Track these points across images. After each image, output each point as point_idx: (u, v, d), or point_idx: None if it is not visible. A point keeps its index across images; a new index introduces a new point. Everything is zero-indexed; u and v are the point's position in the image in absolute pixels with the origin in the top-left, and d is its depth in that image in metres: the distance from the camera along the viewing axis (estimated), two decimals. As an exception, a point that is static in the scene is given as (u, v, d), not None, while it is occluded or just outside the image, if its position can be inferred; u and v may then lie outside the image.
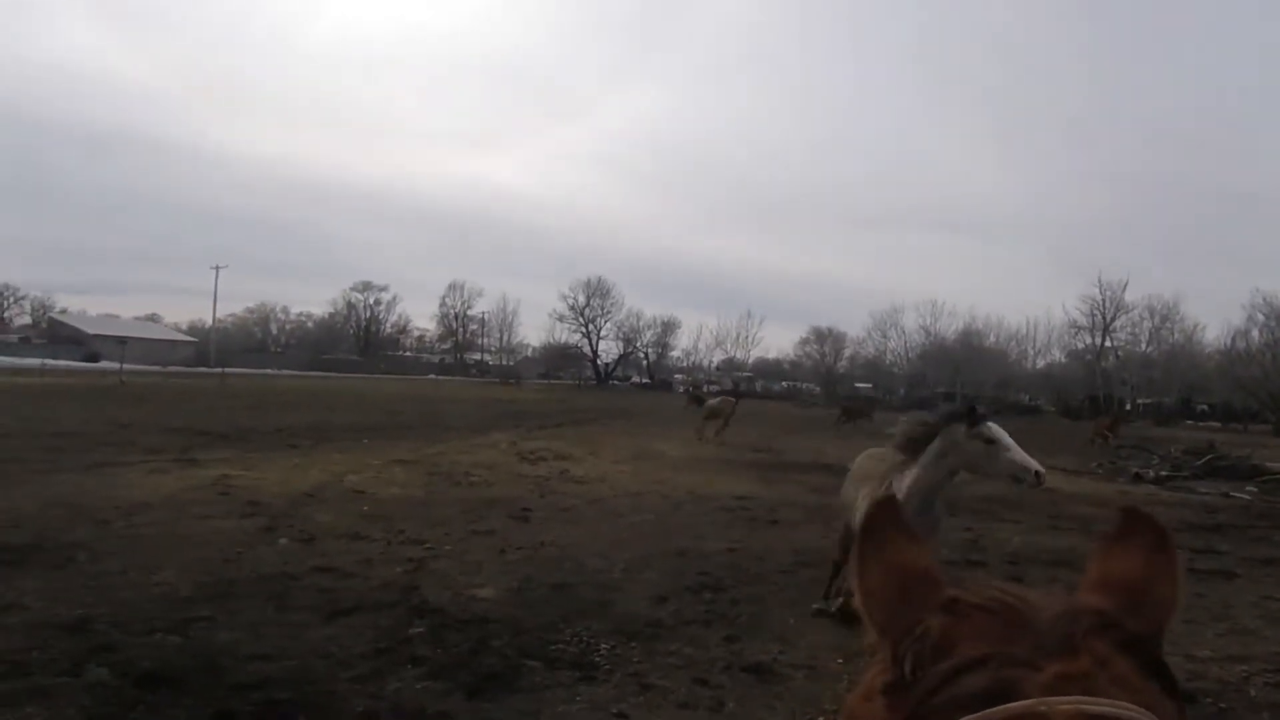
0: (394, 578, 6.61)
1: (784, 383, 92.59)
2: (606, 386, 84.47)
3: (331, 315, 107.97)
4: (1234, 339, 65.31)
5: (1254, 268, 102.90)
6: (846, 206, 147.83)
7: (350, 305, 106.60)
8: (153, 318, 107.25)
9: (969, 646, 0.73)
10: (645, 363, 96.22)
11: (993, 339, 79.66)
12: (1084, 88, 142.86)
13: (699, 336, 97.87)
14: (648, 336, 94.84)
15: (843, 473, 6.43)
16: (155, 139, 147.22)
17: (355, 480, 11.59)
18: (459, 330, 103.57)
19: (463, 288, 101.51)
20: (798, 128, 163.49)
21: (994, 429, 4.95)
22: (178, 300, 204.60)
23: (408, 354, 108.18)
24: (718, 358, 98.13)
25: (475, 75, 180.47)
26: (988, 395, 69.87)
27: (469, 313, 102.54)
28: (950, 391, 71.43)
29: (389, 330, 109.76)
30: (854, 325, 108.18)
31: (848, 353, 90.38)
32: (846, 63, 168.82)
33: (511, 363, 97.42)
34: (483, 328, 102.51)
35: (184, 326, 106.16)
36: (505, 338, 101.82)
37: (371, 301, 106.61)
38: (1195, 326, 71.44)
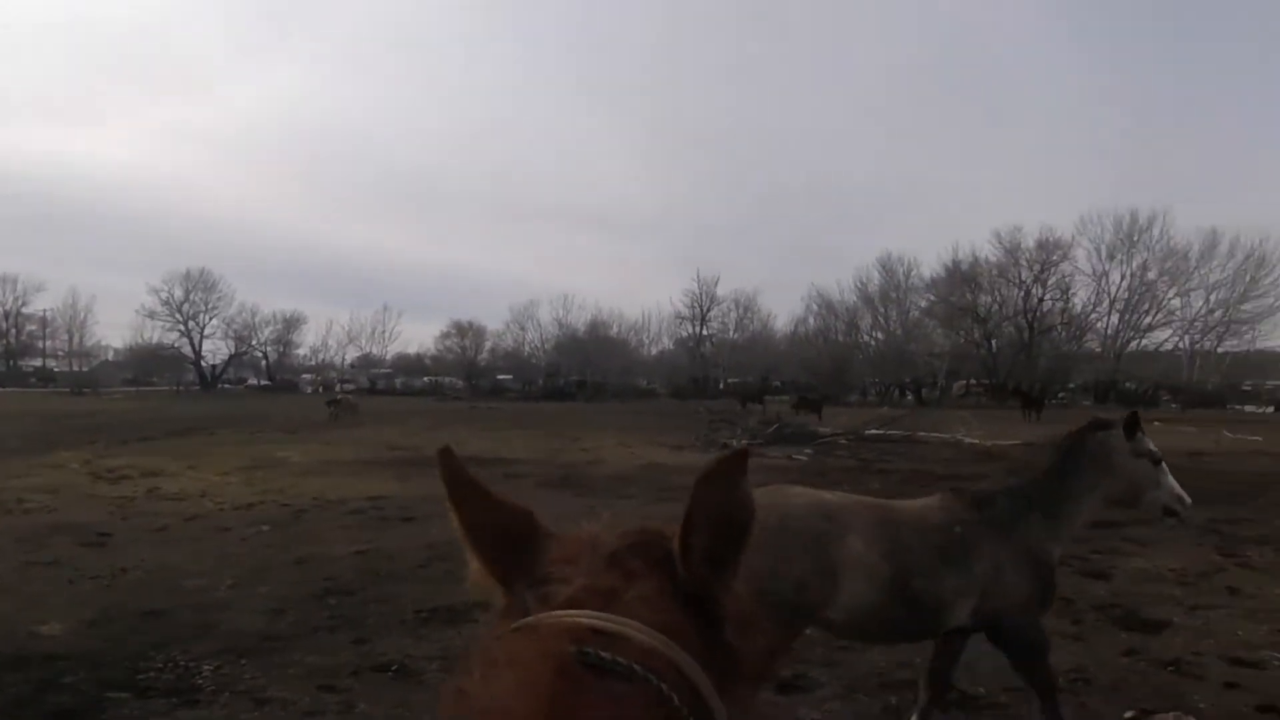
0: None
1: (426, 378, 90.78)
2: (215, 391, 74.41)
3: None
4: (796, 326, 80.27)
5: (812, 264, 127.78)
6: (489, 199, 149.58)
7: None
8: None
9: (547, 568, 0.80)
10: (264, 363, 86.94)
11: (616, 330, 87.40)
12: (705, 99, 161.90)
13: (328, 332, 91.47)
14: (266, 334, 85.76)
15: (494, 464, 6.38)
16: None
17: None
18: (10, 332, 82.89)
19: (16, 281, 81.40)
20: (445, 117, 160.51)
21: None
22: None
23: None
24: (352, 355, 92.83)
25: (59, 37, 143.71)
26: (614, 381, 76.57)
27: (24, 311, 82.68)
28: (582, 379, 76.87)
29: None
30: (494, 318, 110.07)
31: (489, 345, 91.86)
32: (499, 56, 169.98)
33: (86, 368, 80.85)
34: (44, 328, 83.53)
35: None
36: (76, 339, 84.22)
37: None
38: (769, 315, 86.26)
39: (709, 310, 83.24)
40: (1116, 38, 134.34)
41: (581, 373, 79.63)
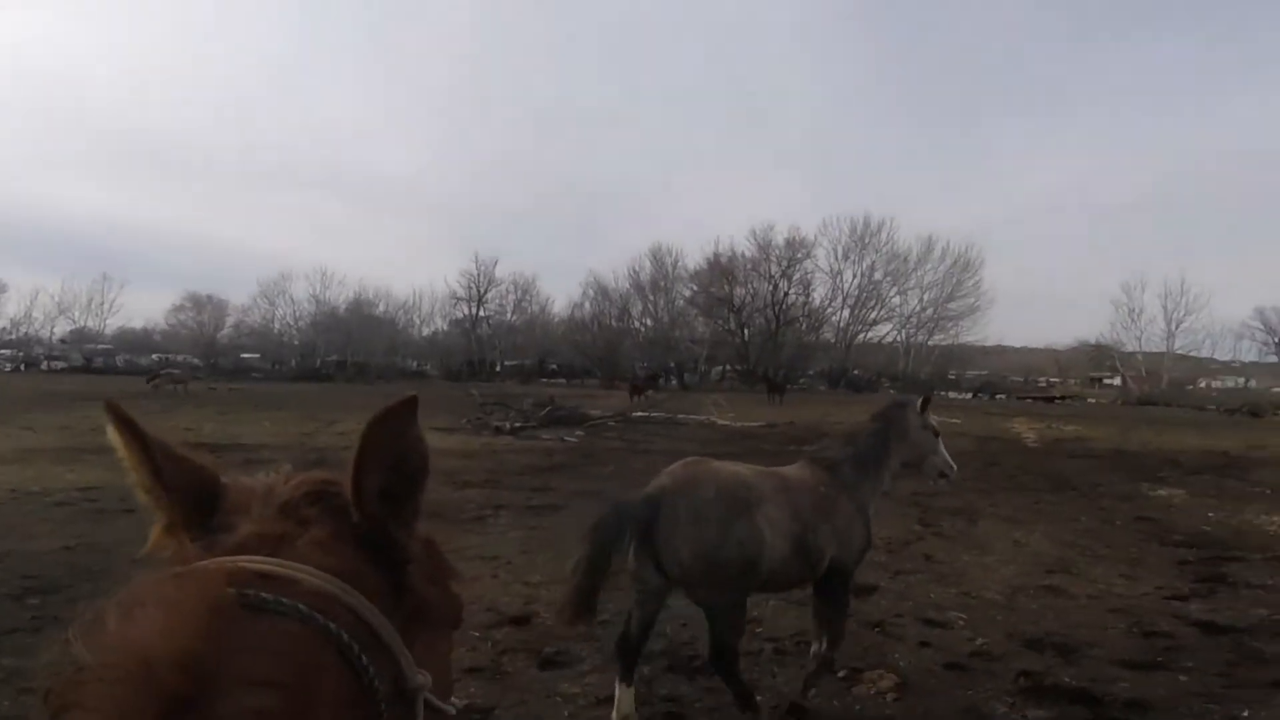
0: None
1: (155, 355, 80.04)
2: None
3: None
4: (574, 310, 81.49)
5: (589, 251, 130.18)
6: (233, 165, 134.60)
7: None
8: None
9: (219, 518, 0.78)
10: (-57, 334, 72.07)
11: (382, 308, 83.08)
12: (481, 77, 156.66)
13: (33, 303, 77.82)
14: (-47, 301, 71.12)
15: (232, 449, 5.87)
16: None
17: None
18: None
19: None
20: (183, 72, 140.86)
21: None
22: None
23: None
24: (63, 328, 79.62)
25: None
26: (378, 362, 72.81)
27: None
28: (341, 359, 72.20)
29: None
30: (239, 292, 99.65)
31: (232, 321, 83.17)
32: (246, 9, 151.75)
33: None
34: None
35: None
36: None
37: None
38: (548, 299, 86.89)
39: (487, 292, 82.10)
40: (857, 62, 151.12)
41: (342, 353, 74.84)
